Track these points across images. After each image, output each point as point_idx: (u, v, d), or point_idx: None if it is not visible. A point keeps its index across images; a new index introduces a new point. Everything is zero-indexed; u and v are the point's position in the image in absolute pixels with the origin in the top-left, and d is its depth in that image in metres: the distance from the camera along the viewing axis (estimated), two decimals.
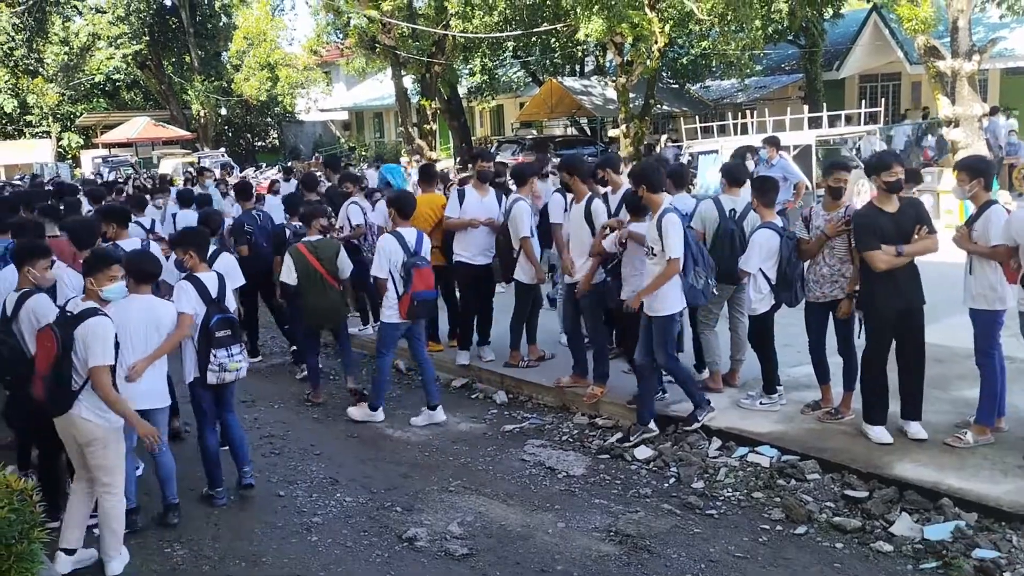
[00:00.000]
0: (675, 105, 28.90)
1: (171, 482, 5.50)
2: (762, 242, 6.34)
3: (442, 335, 9.09)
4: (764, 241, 6.34)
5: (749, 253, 6.39)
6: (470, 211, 8.07)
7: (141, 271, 5.21)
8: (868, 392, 5.87)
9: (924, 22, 16.39)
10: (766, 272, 6.37)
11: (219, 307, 5.61)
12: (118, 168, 28.86)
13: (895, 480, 5.32)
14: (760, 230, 6.40)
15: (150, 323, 5.20)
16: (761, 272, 6.37)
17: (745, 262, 6.41)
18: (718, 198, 6.95)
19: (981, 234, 5.57)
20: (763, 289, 6.42)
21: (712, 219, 6.79)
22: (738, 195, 6.97)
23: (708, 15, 20.15)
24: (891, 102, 25.35)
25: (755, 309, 6.50)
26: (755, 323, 6.62)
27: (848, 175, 6.34)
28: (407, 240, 6.97)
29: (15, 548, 3.56)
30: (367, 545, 5.15)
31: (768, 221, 6.46)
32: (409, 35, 26.42)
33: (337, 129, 48.31)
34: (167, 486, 5.50)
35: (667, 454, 6.16)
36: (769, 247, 6.32)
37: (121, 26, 36.16)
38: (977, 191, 5.65)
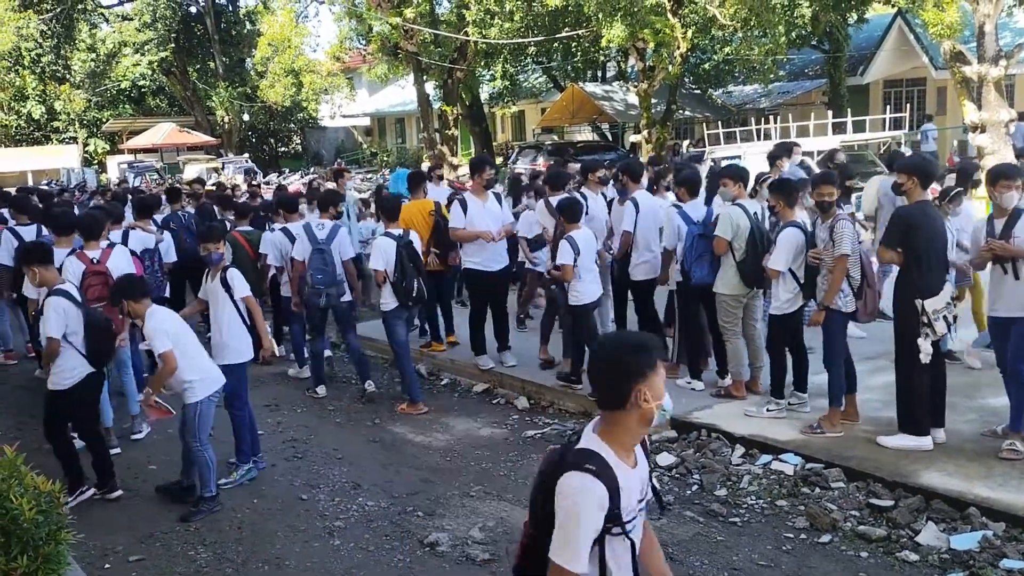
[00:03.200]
0: (697, 111, 28.81)
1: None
2: (790, 240, 6.32)
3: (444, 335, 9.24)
4: (792, 239, 6.32)
5: (777, 252, 6.36)
6: (476, 220, 8.10)
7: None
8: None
9: (950, 27, 16.23)
10: (794, 271, 6.35)
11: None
12: (143, 173, 29.15)
13: (921, 489, 5.26)
14: (787, 229, 6.38)
15: None
16: (790, 271, 6.35)
17: (774, 261, 6.37)
18: (741, 203, 6.91)
19: (1023, 240, 5.53)
20: (792, 289, 6.39)
21: (745, 226, 6.73)
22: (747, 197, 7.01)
23: (731, 20, 20.07)
24: (916, 108, 25.12)
25: (783, 309, 6.46)
26: (779, 323, 6.53)
27: (834, 187, 6.27)
28: (399, 238, 7.61)
29: (43, 550, 3.58)
30: (389, 549, 5.16)
31: (792, 220, 6.45)
32: (431, 41, 26.51)
33: (359, 135, 48.56)
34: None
35: (690, 461, 6.13)
36: (797, 245, 6.31)
37: (147, 33, 36.55)
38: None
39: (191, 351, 5.66)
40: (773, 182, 7.04)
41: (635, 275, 7.90)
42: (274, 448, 6.91)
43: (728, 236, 6.73)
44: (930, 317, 5.60)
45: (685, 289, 7.31)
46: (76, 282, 6.51)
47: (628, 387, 2.47)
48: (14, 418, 7.86)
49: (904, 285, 5.75)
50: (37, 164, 34.94)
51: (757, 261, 6.63)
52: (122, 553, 5.23)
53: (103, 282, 6.76)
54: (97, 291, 6.72)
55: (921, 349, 5.63)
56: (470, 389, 8.29)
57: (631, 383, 2.46)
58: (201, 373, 5.65)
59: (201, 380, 5.64)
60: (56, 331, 5.71)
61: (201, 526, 5.55)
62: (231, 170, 29.37)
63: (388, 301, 7.61)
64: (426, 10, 26.38)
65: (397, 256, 7.49)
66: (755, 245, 6.67)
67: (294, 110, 41.81)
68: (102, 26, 39.81)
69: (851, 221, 6.07)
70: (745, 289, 6.83)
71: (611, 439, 2.55)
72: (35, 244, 6.86)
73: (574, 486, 2.40)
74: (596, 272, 7.44)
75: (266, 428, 7.36)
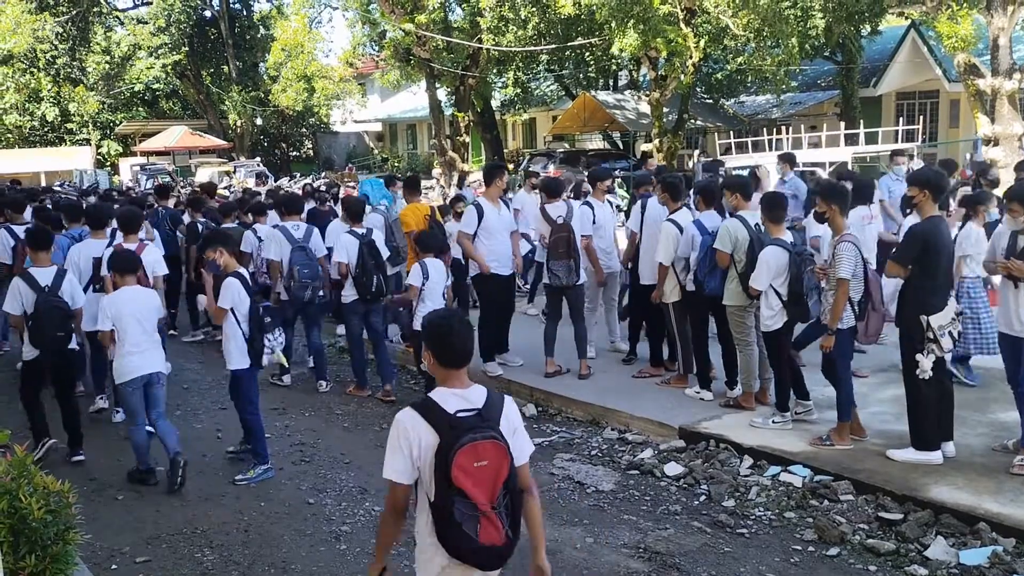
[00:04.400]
0: (709, 120, 28.78)
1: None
2: (769, 259, 6.33)
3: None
4: (772, 259, 6.32)
5: (758, 271, 6.37)
6: (492, 226, 8.18)
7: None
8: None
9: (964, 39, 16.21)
10: (777, 289, 6.33)
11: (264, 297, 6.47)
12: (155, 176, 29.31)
13: (931, 503, 5.23)
14: (768, 248, 6.38)
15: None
16: (772, 289, 6.34)
17: (754, 280, 6.39)
18: (741, 215, 6.92)
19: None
20: (774, 306, 6.39)
21: (744, 238, 6.74)
22: (749, 208, 7.01)
23: (744, 31, 20.06)
24: (929, 120, 25.05)
25: (768, 326, 6.46)
26: (769, 340, 6.59)
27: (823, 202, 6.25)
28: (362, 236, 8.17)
29: (51, 550, 3.60)
30: (394, 555, 5.14)
31: (776, 238, 6.45)
32: (444, 48, 26.60)
33: (371, 140, 48.71)
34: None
35: (698, 471, 6.11)
36: (777, 264, 6.31)
37: (161, 37, 36.82)
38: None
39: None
40: (762, 197, 7.03)
41: (645, 278, 7.92)
42: (281, 452, 6.92)
43: (727, 249, 6.75)
44: (936, 333, 5.57)
45: (697, 299, 7.30)
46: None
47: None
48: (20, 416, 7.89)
49: (910, 301, 5.72)
50: (50, 165, 35.14)
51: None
52: (129, 554, 5.24)
53: (141, 273, 7.20)
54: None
55: (920, 365, 5.59)
56: None
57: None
58: (119, 360, 6.22)
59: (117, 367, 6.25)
60: (9, 308, 6.69)
61: (208, 528, 5.56)
62: (243, 173, 29.53)
63: (348, 294, 8.14)
64: (439, 17, 26.48)
65: (359, 252, 7.97)
66: (754, 259, 6.63)
67: (306, 115, 42.01)
68: (117, 29, 40.10)
69: (855, 243, 6.01)
70: (749, 300, 6.82)
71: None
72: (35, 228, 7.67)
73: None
74: (441, 304, 7.55)
75: (273, 432, 7.37)
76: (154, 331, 6.34)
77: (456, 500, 2.98)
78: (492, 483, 3.03)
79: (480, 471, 3.00)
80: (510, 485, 3.08)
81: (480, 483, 2.99)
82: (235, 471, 6.43)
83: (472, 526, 3.01)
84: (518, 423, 3.20)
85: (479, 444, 2.99)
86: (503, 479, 3.05)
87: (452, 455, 2.94)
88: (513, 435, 3.12)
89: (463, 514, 3.00)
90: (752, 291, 6.46)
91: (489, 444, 3.01)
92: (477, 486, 2.99)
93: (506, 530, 3.07)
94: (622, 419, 7.15)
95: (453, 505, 2.98)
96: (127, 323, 6.12)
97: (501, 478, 3.04)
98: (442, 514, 3.03)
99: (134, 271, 6.47)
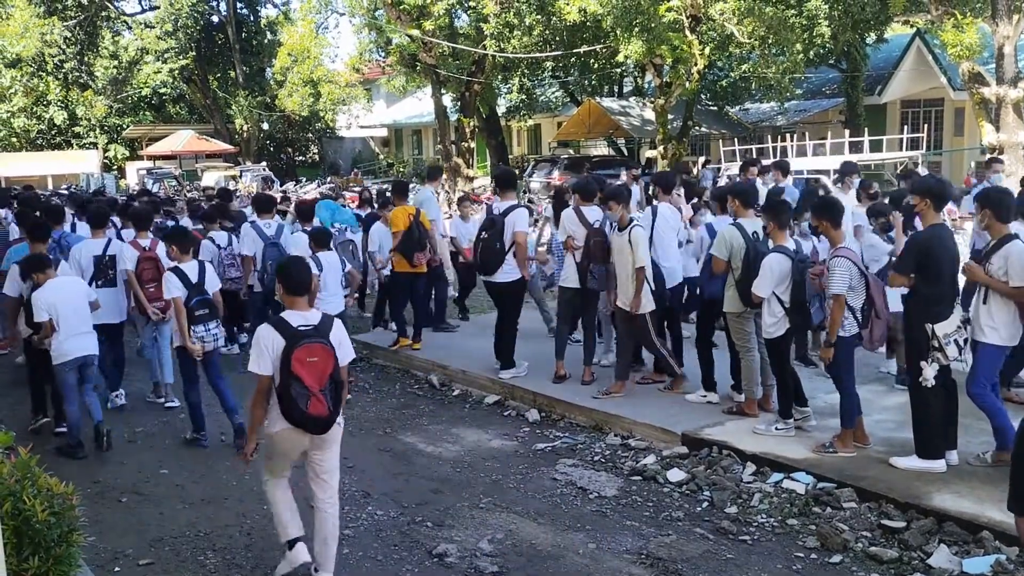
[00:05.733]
0: (714, 127, 28.82)
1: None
2: (773, 266, 6.33)
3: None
4: (775, 265, 6.33)
5: (761, 278, 6.37)
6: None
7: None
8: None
9: (969, 48, 16.22)
10: (779, 295, 6.34)
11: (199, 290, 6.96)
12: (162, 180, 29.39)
13: (934, 511, 5.22)
14: (771, 255, 6.39)
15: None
16: (774, 296, 6.35)
17: (757, 286, 6.39)
18: (739, 222, 6.93)
19: (998, 268, 5.52)
20: (776, 313, 6.39)
21: (739, 245, 6.76)
22: (751, 217, 7.01)
23: (749, 38, 20.10)
24: (933, 128, 25.04)
25: (770, 333, 6.46)
26: (771, 347, 6.60)
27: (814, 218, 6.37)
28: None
29: (54, 551, 3.61)
30: (397, 560, 5.16)
31: (779, 245, 6.47)
32: (450, 54, 26.67)
33: (376, 145, 48.81)
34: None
35: (700, 478, 6.10)
36: (780, 271, 6.31)
37: (169, 41, 36.95)
38: (989, 222, 5.65)
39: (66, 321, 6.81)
40: (766, 203, 7.03)
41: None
42: None
43: (723, 256, 6.78)
44: (940, 341, 5.57)
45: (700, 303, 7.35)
46: (132, 267, 7.88)
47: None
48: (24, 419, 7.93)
49: (915, 309, 5.72)
50: (58, 169, 35.31)
51: (752, 280, 6.62)
52: (132, 557, 5.25)
53: (155, 267, 7.87)
54: (150, 274, 7.90)
55: (924, 373, 5.59)
56: (481, 400, 8.29)
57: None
58: (57, 344, 6.80)
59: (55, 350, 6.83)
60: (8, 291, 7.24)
61: (211, 531, 5.56)
62: (249, 178, 29.58)
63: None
64: (445, 23, 26.54)
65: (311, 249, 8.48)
66: (749, 266, 6.64)
67: (312, 120, 42.13)
68: (125, 33, 40.29)
69: (850, 258, 5.98)
70: (747, 307, 6.83)
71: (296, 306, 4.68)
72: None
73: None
74: (337, 291, 8.32)
75: None
76: (88, 317, 6.96)
77: (294, 384, 4.38)
78: (320, 374, 4.43)
79: (312, 365, 4.40)
80: (335, 377, 4.50)
81: (311, 373, 4.40)
82: (236, 473, 6.43)
83: (304, 402, 4.40)
84: (344, 339, 4.68)
85: (312, 346, 4.43)
86: (329, 372, 4.46)
87: (292, 352, 4.37)
88: (339, 346, 4.59)
89: (299, 393, 4.39)
90: (755, 298, 6.46)
91: (319, 347, 4.45)
92: (309, 375, 4.39)
93: (329, 406, 4.48)
94: (625, 425, 7.15)
95: (292, 387, 4.38)
96: (62, 311, 6.74)
97: (327, 371, 4.46)
98: (284, 393, 4.41)
99: (49, 266, 6.99)
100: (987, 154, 17.03)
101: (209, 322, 6.94)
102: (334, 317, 4.76)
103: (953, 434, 5.86)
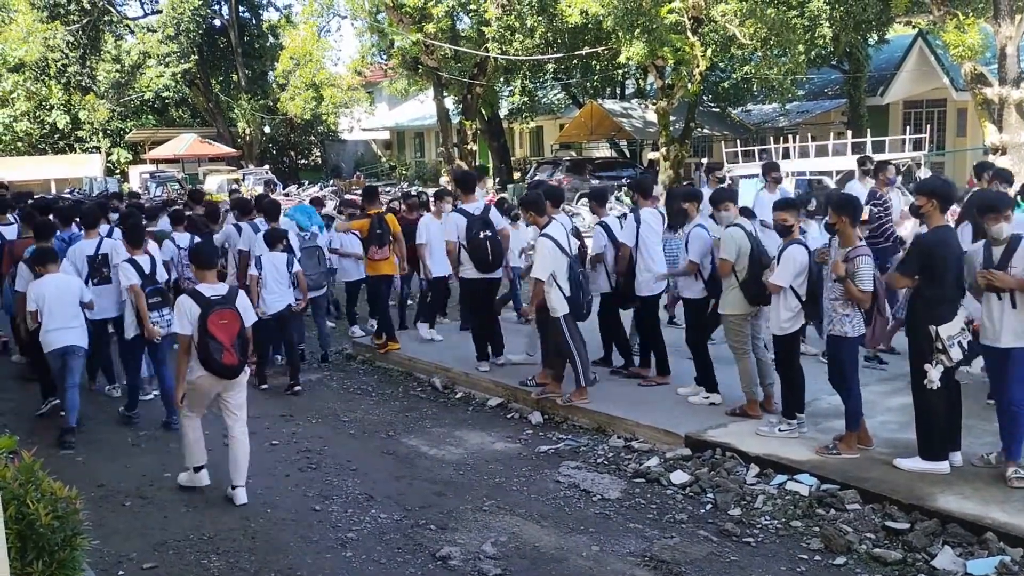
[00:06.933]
0: (716, 129, 28.81)
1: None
2: (795, 257, 6.33)
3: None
4: (797, 256, 6.33)
5: (783, 269, 6.35)
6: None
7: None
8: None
9: (971, 48, 16.21)
10: (795, 288, 6.35)
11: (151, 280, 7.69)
12: (165, 183, 29.42)
13: (938, 512, 5.21)
14: (791, 247, 6.39)
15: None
16: (791, 289, 6.35)
17: (778, 277, 6.36)
18: (739, 222, 6.98)
19: (1022, 270, 5.44)
20: (792, 308, 6.39)
21: (746, 247, 6.80)
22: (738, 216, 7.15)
23: (751, 40, 20.10)
24: (936, 129, 25.02)
25: (784, 329, 6.45)
26: (781, 344, 6.55)
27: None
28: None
29: (58, 555, 3.60)
30: (400, 562, 5.16)
31: (796, 238, 6.51)
32: (452, 57, 26.69)
33: (379, 148, 48.85)
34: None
35: (704, 480, 6.10)
36: (801, 263, 6.33)
37: (171, 45, 37.00)
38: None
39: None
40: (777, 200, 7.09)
41: (640, 291, 7.99)
42: (288, 459, 6.94)
43: (732, 258, 6.78)
44: (945, 343, 5.55)
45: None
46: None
47: None
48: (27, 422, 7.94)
49: (920, 311, 5.70)
50: (60, 173, 35.34)
51: (759, 279, 6.66)
52: (136, 560, 5.25)
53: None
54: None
55: (928, 375, 5.57)
56: (484, 403, 8.29)
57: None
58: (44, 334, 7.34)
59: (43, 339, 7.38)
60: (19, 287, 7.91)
61: (214, 535, 5.57)
62: (251, 181, 29.61)
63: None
64: (447, 26, 26.60)
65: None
66: (757, 264, 6.71)
67: (314, 123, 42.18)
68: (127, 37, 40.35)
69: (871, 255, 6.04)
70: (750, 308, 6.88)
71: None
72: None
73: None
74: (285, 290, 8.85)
75: (280, 439, 7.41)
76: (77, 312, 7.44)
77: (210, 341, 5.77)
78: (231, 333, 5.85)
79: (223, 326, 5.82)
80: (242, 335, 5.93)
81: (224, 332, 5.81)
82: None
83: (219, 355, 5.80)
84: (247, 305, 6.17)
85: (223, 311, 5.86)
86: (237, 331, 5.90)
87: (207, 316, 5.78)
88: (244, 311, 6.03)
89: (215, 348, 5.78)
90: (773, 288, 6.44)
91: (228, 312, 5.90)
92: (222, 333, 5.80)
93: (238, 357, 5.89)
94: (628, 427, 7.14)
95: (209, 344, 5.77)
96: (51, 304, 7.27)
97: (236, 330, 5.89)
98: (203, 348, 5.79)
99: (54, 260, 7.54)
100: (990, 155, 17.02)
101: (163, 308, 7.59)
102: (238, 289, 6.33)
103: (957, 436, 5.85)
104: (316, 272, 9.72)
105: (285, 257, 8.88)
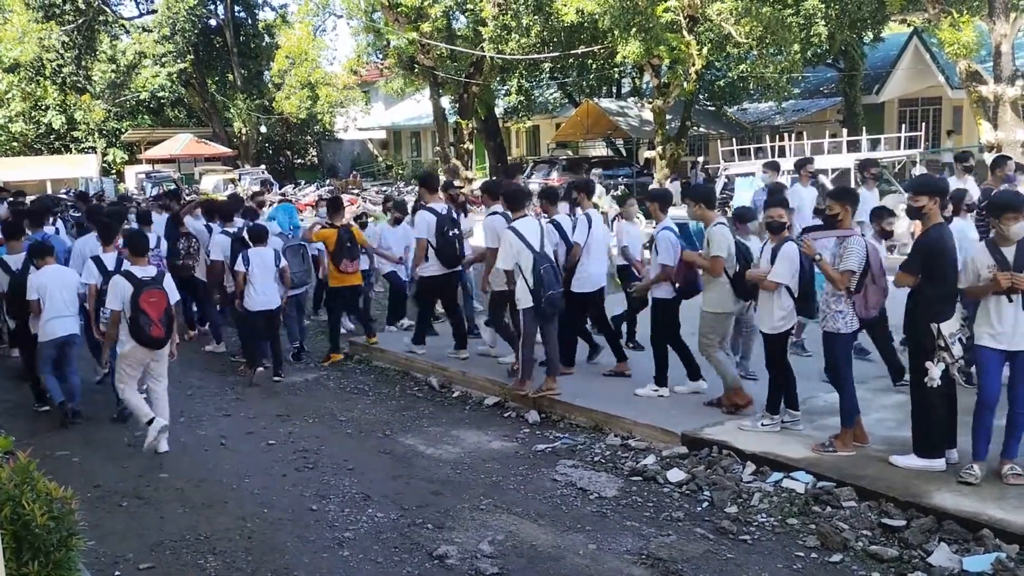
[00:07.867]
0: (712, 127, 28.84)
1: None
2: (792, 255, 6.37)
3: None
4: (793, 254, 6.38)
5: (781, 266, 6.39)
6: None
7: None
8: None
9: (966, 46, 16.24)
10: (789, 285, 6.40)
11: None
12: (161, 184, 29.36)
13: (934, 509, 5.22)
14: (787, 244, 6.45)
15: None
16: (784, 287, 6.40)
17: (776, 274, 6.40)
18: (723, 221, 7.20)
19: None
20: (786, 306, 6.44)
21: (731, 243, 6.98)
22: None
23: (746, 38, 20.12)
24: (931, 127, 25.06)
25: (778, 327, 6.47)
26: (771, 342, 6.58)
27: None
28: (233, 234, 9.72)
29: (54, 556, 3.59)
30: (397, 561, 5.16)
31: (789, 237, 6.61)
32: (448, 56, 26.68)
33: (375, 148, 48.81)
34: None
35: (700, 478, 6.11)
36: (797, 261, 6.38)
37: (167, 45, 36.95)
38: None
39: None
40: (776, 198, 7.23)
41: (577, 288, 8.16)
42: (284, 458, 6.93)
43: (724, 254, 6.87)
44: (947, 340, 5.55)
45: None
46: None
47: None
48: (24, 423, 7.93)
49: (920, 309, 5.70)
50: (56, 173, 35.20)
51: (743, 276, 6.84)
52: (132, 561, 5.25)
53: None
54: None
55: (929, 373, 5.57)
56: (481, 402, 8.29)
57: None
58: (42, 323, 7.77)
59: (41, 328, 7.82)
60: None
61: (211, 535, 5.56)
62: (247, 181, 29.58)
63: (228, 285, 9.61)
64: (443, 25, 26.58)
65: (232, 247, 9.38)
66: (743, 259, 6.94)
67: (310, 122, 42.14)
68: (122, 37, 40.24)
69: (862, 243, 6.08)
70: (737, 305, 7.08)
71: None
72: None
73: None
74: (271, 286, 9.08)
75: (277, 438, 7.40)
76: (73, 302, 7.89)
77: (140, 316, 6.72)
78: (159, 309, 6.81)
79: (153, 303, 6.77)
80: (168, 312, 6.89)
81: (152, 308, 6.77)
82: (236, 477, 6.45)
83: (148, 329, 6.78)
84: (172, 287, 7.11)
85: (152, 291, 6.81)
86: (164, 307, 6.86)
87: (139, 294, 6.72)
88: (171, 291, 7.01)
89: (144, 322, 6.75)
90: (770, 285, 6.45)
91: (156, 291, 6.84)
92: (151, 310, 6.76)
93: (164, 331, 6.88)
94: (625, 425, 7.15)
95: (139, 319, 6.73)
96: (50, 294, 7.70)
97: (163, 307, 6.86)
98: (134, 323, 6.75)
99: (51, 253, 8.07)
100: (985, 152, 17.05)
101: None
102: (166, 272, 7.41)
103: (953, 433, 5.86)
104: (300, 270, 9.94)
105: (272, 252, 9.12)
